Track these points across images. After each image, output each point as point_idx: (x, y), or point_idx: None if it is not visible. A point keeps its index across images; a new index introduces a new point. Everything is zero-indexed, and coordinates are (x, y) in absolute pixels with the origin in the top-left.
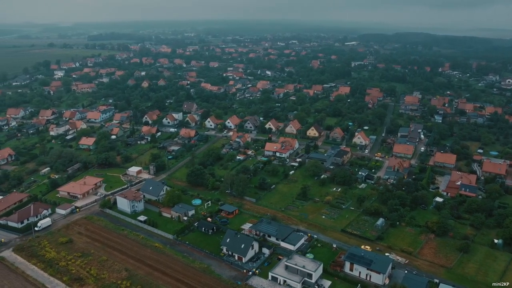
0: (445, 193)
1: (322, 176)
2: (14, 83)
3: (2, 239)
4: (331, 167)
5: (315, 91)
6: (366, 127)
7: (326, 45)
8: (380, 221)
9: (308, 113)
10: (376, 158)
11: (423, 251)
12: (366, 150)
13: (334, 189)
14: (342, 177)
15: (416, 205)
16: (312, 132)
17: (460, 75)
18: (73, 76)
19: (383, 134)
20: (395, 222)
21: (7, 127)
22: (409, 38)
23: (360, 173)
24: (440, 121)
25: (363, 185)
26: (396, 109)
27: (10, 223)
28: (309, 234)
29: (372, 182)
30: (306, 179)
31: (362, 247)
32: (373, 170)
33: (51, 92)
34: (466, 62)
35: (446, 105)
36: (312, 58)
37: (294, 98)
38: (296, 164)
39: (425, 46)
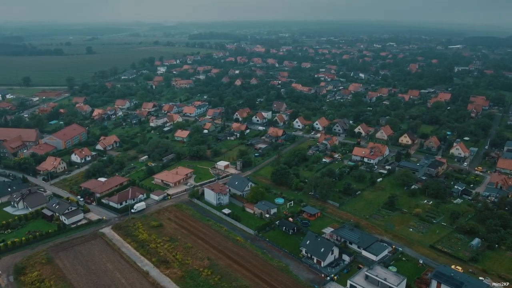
0: None
1: (413, 187)
2: (123, 77)
3: (104, 217)
4: (424, 178)
5: (411, 96)
6: (466, 138)
7: (426, 48)
8: (476, 241)
9: (402, 119)
10: (475, 172)
11: None
12: (465, 163)
13: (425, 201)
14: (435, 189)
15: None
16: (404, 139)
17: None
18: (173, 72)
19: (486, 147)
20: (493, 244)
21: (114, 116)
22: None
23: (456, 187)
24: None
25: (458, 200)
26: (503, 120)
27: (111, 203)
28: (393, 246)
29: (469, 198)
30: (394, 188)
31: (453, 267)
32: (472, 185)
33: (153, 86)
34: None
35: None
36: (410, 62)
37: (388, 103)
38: (385, 172)
39: None
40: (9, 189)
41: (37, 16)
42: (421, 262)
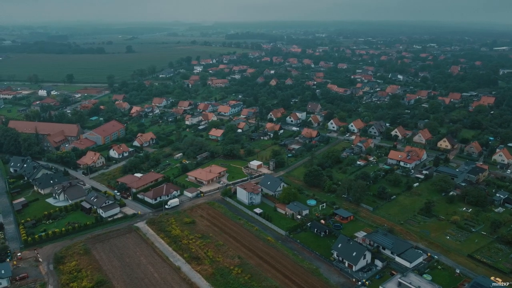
0: None
1: (451, 193)
2: (160, 75)
3: (139, 212)
4: (463, 184)
5: (452, 100)
6: (510, 144)
7: (469, 50)
8: None
9: (441, 122)
10: None
11: None
12: (509, 170)
13: (464, 209)
14: (475, 196)
15: None
16: (443, 143)
17: None
18: (210, 71)
19: None
20: None
21: (151, 114)
22: None
23: (498, 195)
24: None
25: (500, 209)
26: None
27: (146, 199)
28: (428, 254)
29: None
30: (431, 194)
31: (492, 278)
32: None
33: (190, 85)
34: None
35: None
36: (451, 63)
37: (427, 106)
38: (422, 177)
39: None
40: (51, 181)
41: (81, 16)
42: (458, 271)
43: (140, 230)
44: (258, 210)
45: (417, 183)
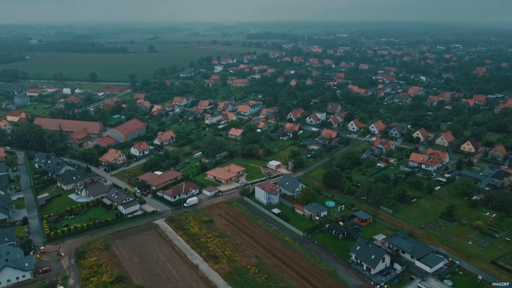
0: None
1: (474, 197)
2: (181, 75)
3: (158, 209)
4: (487, 188)
5: (476, 102)
6: None
7: (496, 51)
8: None
9: (465, 125)
10: None
11: None
12: None
13: (488, 214)
14: (499, 201)
15: None
16: (467, 146)
17: None
18: (230, 71)
19: None
20: None
21: (172, 112)
22: None
23: None
24: None
25: None
26: None
27: (166, 196)
28: (449, 259)
29: None
30: (453, 198)
31: None
32: None
33: (210, 85)
34: None
35: None
36: (476, 65)
37: (450, 108)
38: (444, 180)
39: None
40: (74, 178)
41: (105, 16)
42: (480, 278)
43: (159, 227)
44: (276, 210)
45: (439, 187)
